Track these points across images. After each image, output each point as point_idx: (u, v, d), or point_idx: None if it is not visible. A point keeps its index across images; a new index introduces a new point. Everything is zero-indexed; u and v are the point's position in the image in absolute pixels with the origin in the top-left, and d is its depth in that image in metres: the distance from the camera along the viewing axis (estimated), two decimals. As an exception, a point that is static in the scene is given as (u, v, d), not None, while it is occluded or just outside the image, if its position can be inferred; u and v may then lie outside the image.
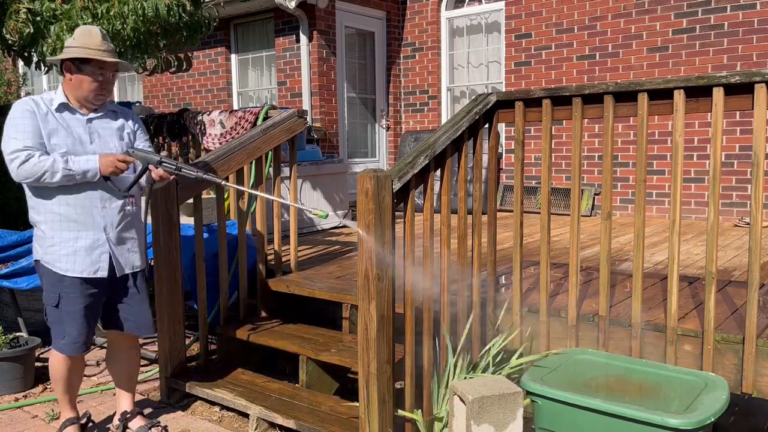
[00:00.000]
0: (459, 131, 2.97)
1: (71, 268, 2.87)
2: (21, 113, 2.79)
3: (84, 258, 2.89)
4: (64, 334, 2.92)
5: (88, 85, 2.85)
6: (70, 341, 2.94)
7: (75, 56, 2.82)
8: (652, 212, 6.77)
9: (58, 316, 2.91)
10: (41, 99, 2.87)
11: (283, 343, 3.63)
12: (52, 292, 2.90)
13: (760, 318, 2.74)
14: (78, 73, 2.84)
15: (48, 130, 2.80)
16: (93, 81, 2.85)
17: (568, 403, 2.29)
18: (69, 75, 2.85)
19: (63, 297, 2.88)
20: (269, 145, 4.06)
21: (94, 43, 2.84)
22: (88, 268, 2.90)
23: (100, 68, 2.85)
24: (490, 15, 8.01)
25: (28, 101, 2.85)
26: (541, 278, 3.03)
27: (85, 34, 2.86)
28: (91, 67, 2.84)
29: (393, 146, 8.64)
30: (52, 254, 2.87)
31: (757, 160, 2.46)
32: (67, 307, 2.89)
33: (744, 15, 6.27)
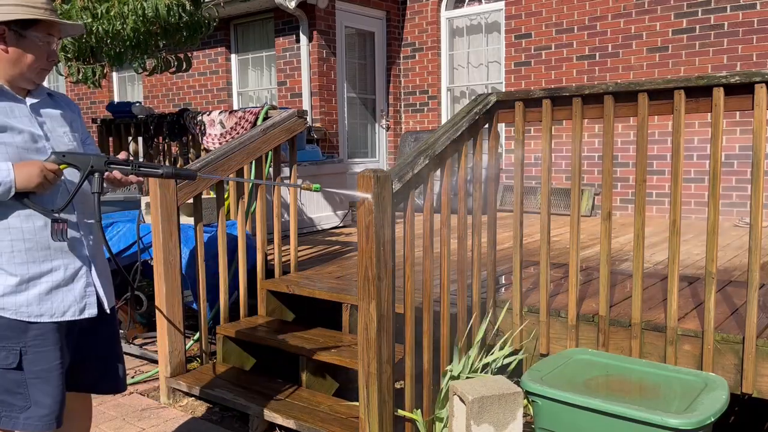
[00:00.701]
0: (459, 131, 2.97)
1: (47, 311, 2.05)
2: None
3: (65, 294, 2.09)
4: (27, 404, 2.05)
5: (34, 58, 2.05)
6: (41, 413, 2.06)
7: (15, 17, 1.98)
8: (652, 212, 6.77)
9: (16, 380, 2.03)
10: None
11: (283, 343, 3.63)
12: (6, 349, 2.02)
13: (760, 318, 2.74)
14: (17, 42, 2.02)
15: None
16: (41, 51, 2.06)
17: (568, 403, 2.29)
18: (3, 46, 2.01)
19: (29, 353, 2.03)
20: (269, 145, 4.06)
21: (39, 1, 2.03)
22: (74, 306, 2.11)
23: (49, 33, 2.07)
24: (490, 15, 8.01)
25: None
26: (541, 278, 3.03)
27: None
28: (37, 33, 2.04)
29: (393, 146, 8.64)
30: (11, 297, 2.01)
31: (757, 160, 2.46)
32: (35, 365, 2.04)
33: (744, 15, 6.27)
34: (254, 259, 4.15)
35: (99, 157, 2.09)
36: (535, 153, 7.38)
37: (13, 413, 2.05)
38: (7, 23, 1.98)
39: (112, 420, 3.43)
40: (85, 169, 2.06)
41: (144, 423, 3.40)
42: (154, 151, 6.02)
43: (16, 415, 2.05)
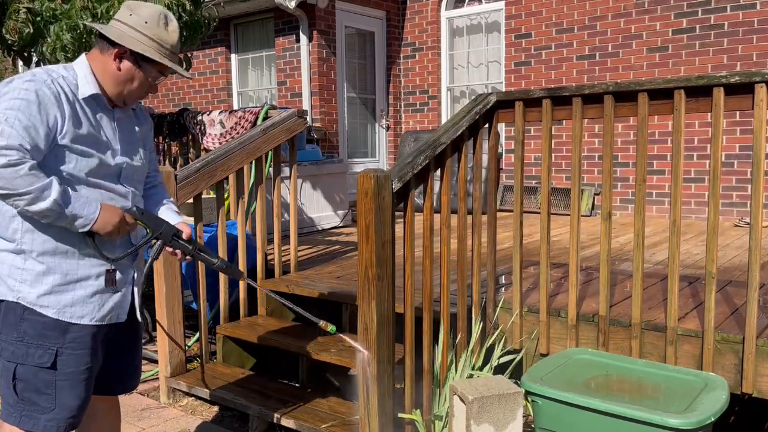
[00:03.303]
0: (459, 131, 2.97)
1: (89, 313, 2.09)
2: (31, 95, 1.91)
3: (107, 299, 2.14)
4: (51, 406, 2.05)
5: (139, 86, 2.13)
6: (64, 416, 2.07)
7: (139, 50, 2.06)
8: (652, 212, 6.77)
9: (46, 381, 2.04)
10: (62, 79, 2.01)
11: (283, 343, 3.63)
12: (42, 347, 2.03)
13: (760, 318, 2.74)
14: (134, 67, 2.09)
15: (70, 128, 1.97)
16: (146, 83, 2.14)
17: (568, 403, 2.29)
18: (117, 63, 2.07)
19: (64, 354, 2.05)
20: (269, 145, 4.06)
21: (171, 41, 2.13)
22: (115, 311, 2.16)
23: (161, 72, 2.15)
24: (490, 15, 8.01)
25: (46, 79, 1.96)
26: (541, 278, 3.03)
27: (161, 21, 2.11)
28: (152, 68, 2.12)
29: (393, 146, 8.64)
30: (57, 295, 2.04)
31: (758, 160, 2.46)
32: (68, 367, 2.06)
33: (744, 15, 6.26)
34: (254, 259, 4.15)
35: (170, 227, 2.22)
36: (535, 153, 7.38)
37: (35, 413, 2.05)
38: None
39: (112, 420, 3.43)
40: (153, 235, 2.19)
41: (144, 423, 3.40)
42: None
43: (38, 416, 2.05)
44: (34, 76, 1.96)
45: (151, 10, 2.10)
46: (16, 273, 2.02)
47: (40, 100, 1.92)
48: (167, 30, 2.12)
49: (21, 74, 2.00)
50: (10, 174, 1.85)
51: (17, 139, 1.86)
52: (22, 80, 1.95)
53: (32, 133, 1.90)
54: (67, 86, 2.00)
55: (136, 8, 2.11)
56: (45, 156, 1.94)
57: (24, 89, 1.92)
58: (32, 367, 2.03)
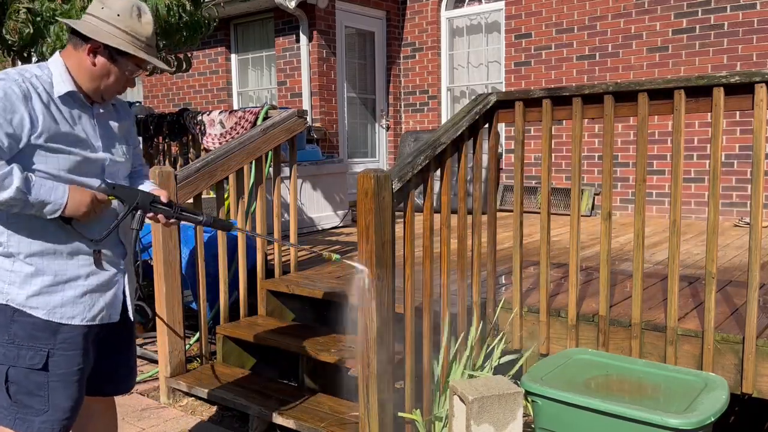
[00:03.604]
0: (459, 131, 2.97)
1: (80, 313, 2.06)
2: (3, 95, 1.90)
3: (98, 299, 2.11)
4: (45, 408, 2.03)
5: (116, 80, 2.08)
6: (58, 417, 2.05)
7: (113, 44, 2.01)
8: (652, 212, 6.77)
9: (38, 382, 2.02)
10: (35, 78, 1.99)
11: (283, 343, 3.63)
12: (33, 349, 2.01)
13: (760, 318, 2.74)
14: (109, 62, 2.04)
15: (46, 128, 1.95)
16: (123, 77, 2.10)
17: (568, 403, 2.29)
18: (92, 58, 2.03)
19: (55, 355, 2.02)
20: (269, 145, 4.06)
21: (145, 33, 2.08)
22: (106, 311, 2.13)
23: (138, 65, 2.10)
24: (490, 15, 8.01)
25: (17, 79, 1.94)
26: (541, 278, 3.03)
27: (134, 13, 2.06)
28: (128, 61, 2.07)
29: (393, 146, 8.64)
30: (46, 296, 2.01)
31: (757, 160, 2.46)
32: (59, 368, 2.03)
33: (744, 15, 6.26)
34: (254, 259, 4.15)
35: (145, 195, 2.16)
36: (535, 153, 7.38)
37: (28, 416, 2.02)
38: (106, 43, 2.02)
39: (112, 420, 3.43)
40: (130, 205, 2.13)
41: (144, 423, 3.40)
42: (154, 150, 6.02)
43: (31, 418, 2.02)
44: (7, 75, 1.94)
45: (123, 2, 2.05)
46: (4, 275, 2.00)
47: (8, 99, 1.90)
48: (140, 21, 2.07)
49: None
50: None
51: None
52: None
53: (7, 143, 1.88)
54: (40, 85, 1.98)
55: (108, 1, 2.06)
56: (20, 156, 1.92)
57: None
58: (24, 369, 2.00)
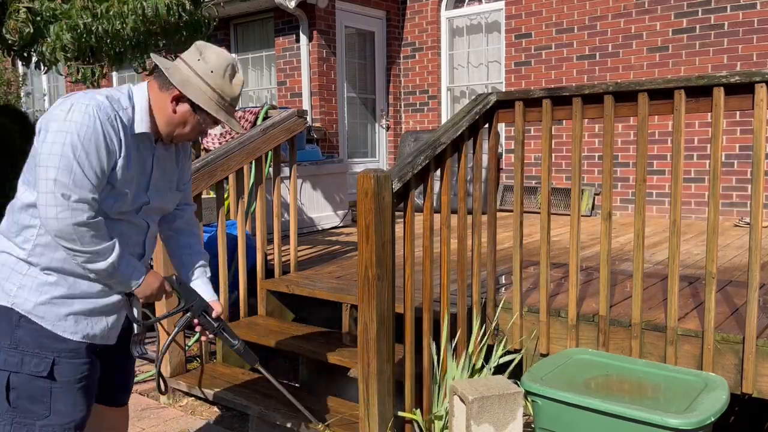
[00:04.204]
0: (459, 131, 2.97)
1: (82, 330, 2.02)
2: (99, 134, 1.87)
3: (103, 319, 2.08)
4: (46, 413, 1.98)
5: (191, 130, 2.08)
6: (60, 422, 2.00)
7: (202, 105, 2.02)
8: (652, 212, 6.77)
9: (42, 388, 1.97)
10: (123, 112, 1.96)
11: (283, 343, 3.63)
12: (39, 356, 1.96)
13: (760, 318, 2.74)
14: (190, 113, 2.04)
15: (119, 168, 1.94)
16: (198, 128, 2.09)
17: (568, 403, 2.29)
18: (174, 105, 2.03)
19: (60, 363, 1.98)
20: (269, 144, 4.06)
21: (232, 94, 2.07)
22: (108, 333, 2.11)
23: (215, 122, 2.09)
24: (490, 15, 8.01)
25: (110, 114, 1.91)
26: (541, 278, 3.03)
27: (228, 73, 2.05)
28: (206, 116, 2.07)
29: (393, 146, 8.64)
30: (54, 307, 1.98)
31: (758, 160, 2.46)
32: (64, 376, 1.99)
33: (744, 15, 6.26)
34: (254, 258, 4.15)
35: (202, 302, 2.27)
36: (535, 153, 7.38)
37: (28, 420, 1.97)
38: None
39: (112, 420, 3.43)
40: (184, 306, 2.24)
41: (144, 423, 3.40)
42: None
43: (31, 422, 1.98)
44: (99, 109, 1.89)
45: (219, 60, 2.04)
46: (16, 278, 1.97)
47: (107, 140, 1.89)
48: (232, 83, 2.06)
49: (80, 98, 1.90)
50: (81, 232, 1.86)
51: (89, 190, 1.86)
52: (85, 111, 1.87)
53: (100, 177, 1.89)
54: (126, 121, 1.97)
55: (206, 53, 2.04)
56: None
57: (90, 126, 1.86)
58: (27, 376, 1.95)
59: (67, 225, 1.84)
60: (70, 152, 1.83)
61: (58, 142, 1.84)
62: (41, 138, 1.88)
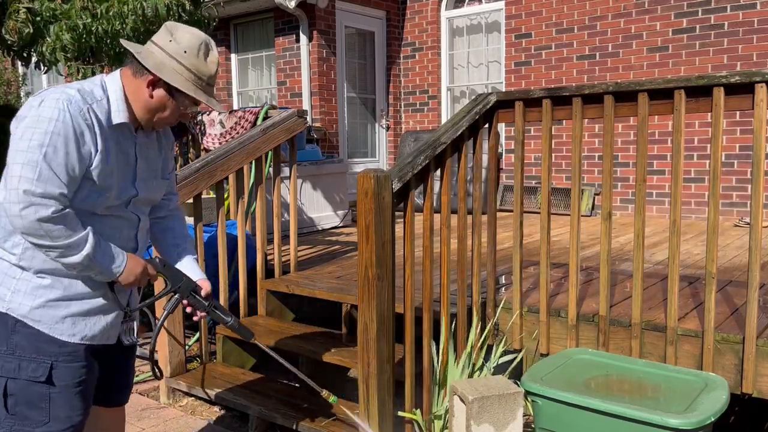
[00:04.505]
0: (459, 131, 2.97)
1: (81, 331, 1.99)
2: (68, 127, 1.82)
3: (101, 319, 2.05)
4: (45, 419, 1.96)
5: (170, 114, 2.04)
6: (59, 428, 1.98)
7: (175, 83, 1.96)
8: (652, 212, 6.77)
9: (40, 394, 1.94)
10: (97, 105, 1.91)
11: (283, 343, 3.63)
12: (36, 361, 1.93)
13: (760, 318, 2.74)
14: (167, 96, 2.00)
15: (94, 157, 1.89)
16: (178, 111, 2.06)
17: (568, 403, 2.29)
18: (150, 90, 1.98)
19: (58, 367, 1.95)
20: (269, 144, 4.06)
21: (209, 72, 2.02)
22: (107, 332, 2.08)
23: (194, 102, 2.05)
24: (490, 15, 8.01)
25: (82, 108, 1.86)
26: (541, 278, 3.03)
27: (202, 51, 2.00)
28: (186, 98, 2.03)
29: (393, 146, 8.64)
30: (50, 310, 1.94)
31: (758, 160, 2.46)
32: (62, 380, 1.96)
33: (744, 15, 6.26)
34: (254, 258, 4.15)
35: (189, 282, 2.21)
36: (535, 153, 7.38)
37: (27, 427, 1.95)
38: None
39: (112, 420, 3.43)
40: (172, 288, 2.19)
41: (144, 423, 3.40)
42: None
43: (30, 429, 1.95)
44: (70, 103, 1.84)
45: (192, 39, 1.98)
46: (9, 282, 1.93)
47: (76, 134, 1.83)
48: (207, 61, 2.01)
49: (51, 92, 1.85)
50: (48, 228, 1.80)
51: (57, 185, 1.80)
52: (55, 106, 1.82)
53: (70, 173, 1.83)
54: (101, 113, 1.91)
55: (177, 33, 1.99)
56: None
57: (60, 120, 1.81)
58: (24, 381, 1.92)
59: (31, 221, 1.78)
60: (37, 147, 1.78)
61: (25, 138, 1.80)
62: (12, 138, 1.83)
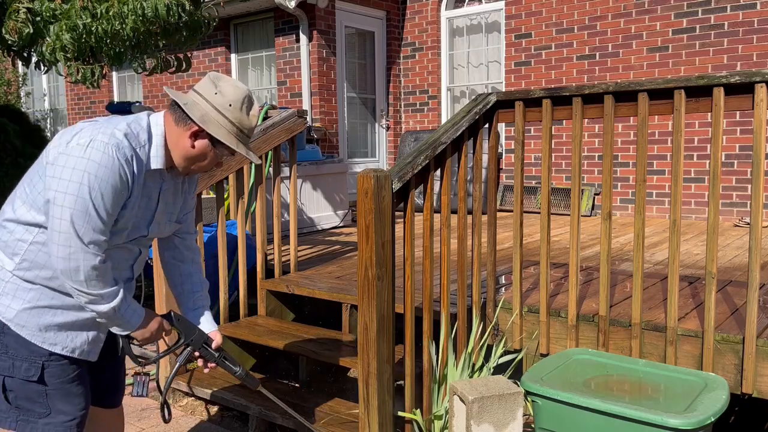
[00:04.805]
0: (459, 131, 2.97)
1: (62, 342, 2.00)
2: (113, 177, 1.84)
3: (83, 333, 2.06)
4: (47, 411, 2.01)
5: (208, 163, 2.06)
6: (61, 420, 2.02)
7: (223, 140, 1.99)
8: (652, 212, 6.77)
9: (37, 391, 1.99)
10: (141, 150, 1.94)
11: (283, 343, 3.63)
12: (28, 360, 1.96)
13: (760, 318, 2.74)
14: (209, 147, 2.02)
15: (127, 204, 1.94)
16: (216, 161, 2.08)
17: (568, 403, 2.29)
18: (192, 140, 2.00)
19: (50, 366, 1.99)
20: (269, 144, 4.06)
21: (250, 125, 2.05)
22: (87, 347, 2.07)
23: (232, 153, 2.08)
24: (490, 15, 8.01)
25: (127, 154, 1.88)
26: (541, 278, 3.03)
27: (245, 105, 2.02)
28: (225, 149, 2.05)
29: (393, 146, 8.64)
30: (35, 317, 1.96)
31: (758, 160, 2.46)
32: (56, 378, 2.01)
33: (744, 15, 6.26)
34: (254, 259, 4.15)
35: (202, 335, 2.28)
36: (535, 153, 7.38)
37: (31, 418, 2.01)
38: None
39: (112, 420, 3.42)
40: (185, 341, 2.27)
41: (144, 423, 3.40)
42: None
43: (34, 420, 2.01)
44: (118, 149, 1.85)
45: (236, 93, 2.00)
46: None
47: (122, 182, 1.86)
48: (249, 115, 2.03)
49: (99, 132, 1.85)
50: (89, 274, 1.86)
51: (101, 232, 1.86)
52: (105, 151, 1.83)
53: (110, 220, 1.88)
54: (143, 158, 1.94)
55: (221, 85, 2.00)
56: None
57: (109, 168, 1.83)
58: (20, 380, 1.97)
59: (77, 267, 1.84)
60: (87, 193, 1.81)
61: (74, 180, 1.80)
62: (55, 171, 1.83)
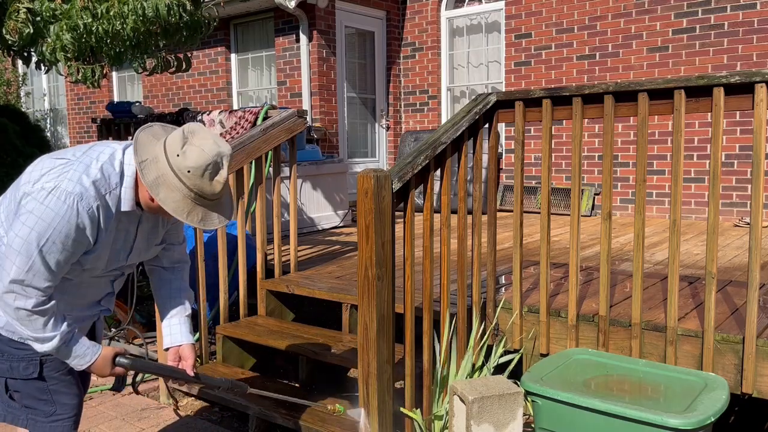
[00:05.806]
0: (459, 131, 2.97)
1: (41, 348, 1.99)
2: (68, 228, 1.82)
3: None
4: (53, 408, 2.09)
5: (168, 215, 1.99)
6: (67, 415, 2.11)
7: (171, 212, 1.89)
8: (652, 212, 6.77)
9: (39, 388, 2.06)
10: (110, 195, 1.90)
11: (283, 343, 3.63)
12: (26, 359, 2.02)
13: (760, 318, 2.74)
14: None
15: (91, 245, 1.93)
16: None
17: (568, 403, 2.29)
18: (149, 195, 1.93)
19: (48, 361, 2.04)
20: (269, 144, 4.05)
21: (212, 191, 1.92)
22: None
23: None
24: (490, 15, 8.01)
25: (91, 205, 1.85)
26: (541, 278, 3.03)
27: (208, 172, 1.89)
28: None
29: (393, 146, 8.64)
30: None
31: (758, 160, 2.46)
32: (55, 371, 2.07)
33: (744, 15, 6.26)
34: (254, 259, 4.15)
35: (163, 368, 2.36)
36: (535, 153, 7.38)
37: (39, 416, 2.09)
38: None
39: (112, 420, 3.43)
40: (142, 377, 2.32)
41: (143, 423, 3.40)
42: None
43: (42, 419, 2.09)
44: (81, 200, 1.82)
45: (200, 158, 1.86)
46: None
47: (78, 233, 1.84)
48: (212, 181, 1.90)
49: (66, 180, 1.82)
50: (21, 316, 1.86)
51: (45, 278, 1.85)
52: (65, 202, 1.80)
53: (63, 266, 1.88)
54: (112, 202, 1.91)
55: (188, 148, 1.88)
56: None
57: (65, 219, 1.80)
58: (21, 380, 2.04)
59: (10, 307, 1.85)
60: (35, 240, 1.80)
61: (27, 225, 1.80)
62: (18, 209, 1.84)
